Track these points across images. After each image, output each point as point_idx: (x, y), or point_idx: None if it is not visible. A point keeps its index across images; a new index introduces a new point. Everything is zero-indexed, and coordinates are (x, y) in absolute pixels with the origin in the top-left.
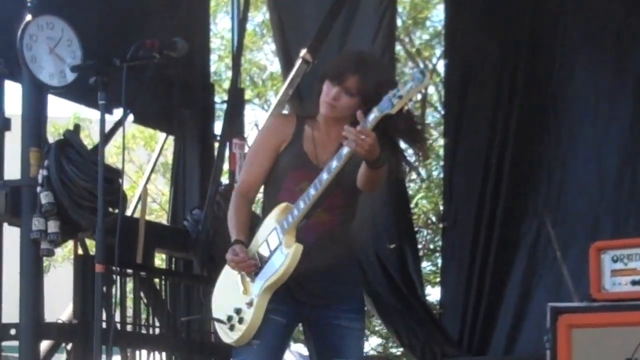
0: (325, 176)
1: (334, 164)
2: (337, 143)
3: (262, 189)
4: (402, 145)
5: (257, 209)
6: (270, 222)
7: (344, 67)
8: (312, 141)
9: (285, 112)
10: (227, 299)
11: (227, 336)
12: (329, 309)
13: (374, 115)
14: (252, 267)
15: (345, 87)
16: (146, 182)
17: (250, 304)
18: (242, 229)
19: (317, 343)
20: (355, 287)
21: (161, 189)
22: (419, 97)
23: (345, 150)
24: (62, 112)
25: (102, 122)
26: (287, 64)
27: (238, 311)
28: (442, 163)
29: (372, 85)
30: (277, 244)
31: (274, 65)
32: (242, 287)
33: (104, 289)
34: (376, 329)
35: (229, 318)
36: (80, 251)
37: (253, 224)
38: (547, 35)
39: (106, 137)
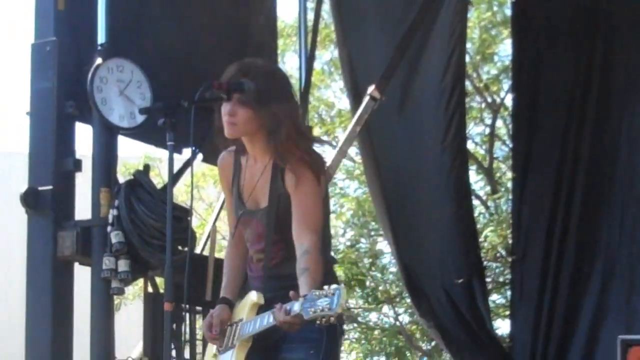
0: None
1: (250, 329)
2: (265, 162)
3: None
4: None
5: None
6: (243, 308)
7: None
8: (246, 172)
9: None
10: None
11: None
12: (277, 348)
13: (295, 310)
14: (214, 341)
15: (236, 98)
16: (215, 220)
17: None
18: (228, 283)
19: None
20: None
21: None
22: (487, 131)
23: (270, 320)
24: (133, 152)
25: (171, 162)
26: (355, 100)
27: None
28: (510, 197)
29: (261, 86)
30: (232, 345)
31: (342, 103)
32: (214, 350)
33: (174, 326)
34: None
35: None
36: (150, 289)
37: None
38: (617, 64)
39: (175, 176)
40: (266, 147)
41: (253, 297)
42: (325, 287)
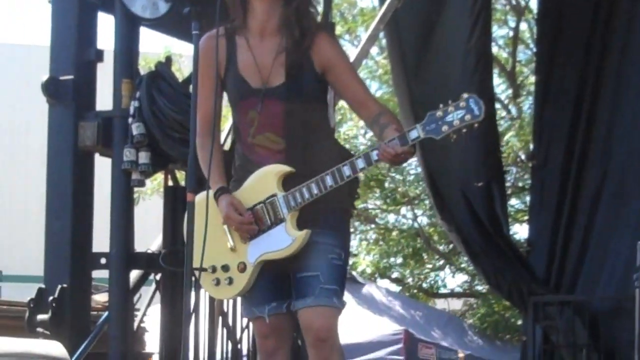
0: (347, 172)
1: (360, 163)
2: (278, 37)
3: None
4: None
5: None
6: (266, 184)
7: None
8: (250, 55)
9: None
10: (210, 246)
11: (212, 289)
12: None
13: (416, 135)
14: (253, 232)
15: None
16: None
17: (243, 270)
18: (222, 174)
19: (287, 259)
20: (329, 203)
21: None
22: (511, 34)
23: (375, 158)
24: (153, 47)
25: (196, 51)
26: None
27: (225, 268)
28: (532, 101)
29: None
30: (279, 219)
31: (364, 1)
32: (231, 242)
33: None
34: (462, 266)
35: (213, 269)
36: (170, 182)
37: (227, 159)
38: None
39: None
40: (281, 20)
41: (277, 169)
42: (449, 102)
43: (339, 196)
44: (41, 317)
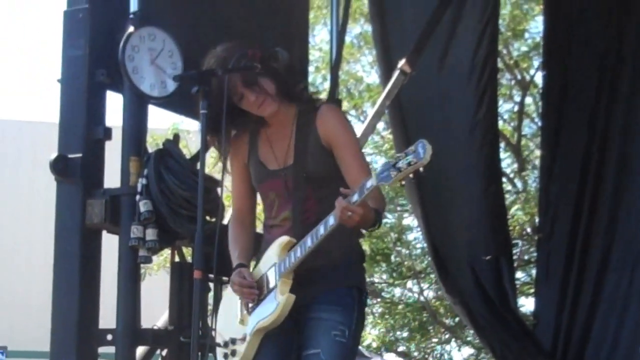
0: (321, 231)
1: (331, 220)
2: (292, 123)
3: None
4: None
5: None
6: (271, 255)
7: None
8: (267, 141)
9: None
10: (226, 323)
11: None
12: (306, 308)
13: (370, 184)
14: (253, 296)
15: (246, 85)
16: None
17: (243, 340)
18: (242, 253)
19: (295, 339)
20: (335, 279)
21: (257, 200)
22: (516, 108)
23: (331, 221)
24: (160, 124)
25: (203, 130)
26: (387, 74)
27: (233, 341)
28: (538, 175)
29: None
30: (273, 285)
31: (371, 77)
32: (239, 316)
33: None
34: (468, 339)
35: (225, 344)
36: (177, 259)
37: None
38: None
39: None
40: (288, 107)
41: (281, 240)
42: (402, 152)
43: (347, 271)
44: None
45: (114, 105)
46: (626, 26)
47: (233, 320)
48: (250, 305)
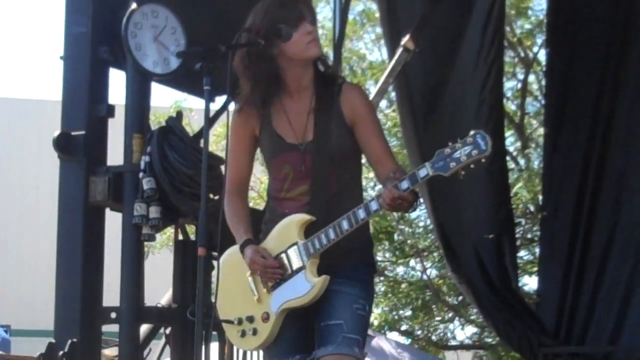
0: (362, 215)
1: (373, 206)
2: (309, 95)
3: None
4: None
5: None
6: (289, 233)
7: (292, 4)
8: (283, 113)
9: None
10: (237, 300)
11: (238, 340)
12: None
13: (425, 173)
14: (277, 276)
15: (310, 19)
16: None
17: (266, 319)
18: (248, 228)
19: (311, 310)
20: (350, 255)
21: (259, 177)
22: (519, 86)
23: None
24: (162, 102)
25: (207, 107)
26: (394, 52)
27: (250, 319)
28: (541, 153)
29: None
30: (300, 266)
31: (374, 55)
32: (256, 294)
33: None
34: (471, 318)
35: (239, 321)
36: (180, 236)
37: (254, 217)
38: None
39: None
40: (311, 77)
41: (299, 218)
42: (458, 139)
43: (363, 250)
44: None
45: (117, 83)
46: (634, 3)
47: (246, 297)
48: (270, 284)
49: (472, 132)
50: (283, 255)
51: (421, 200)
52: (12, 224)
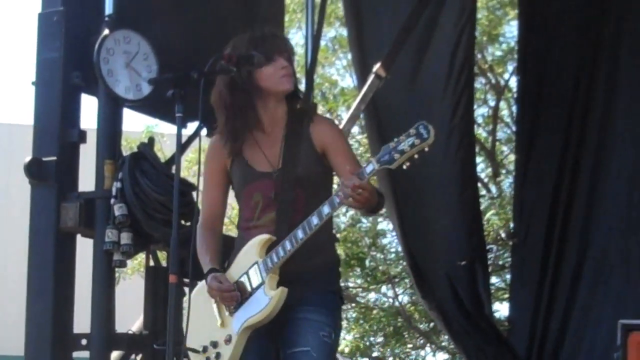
0: (315, 221)
1: (325, 209)
2: (281, 127)
3: None
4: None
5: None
6: (250, 254)
7: (271, 39)
8: (255, 145)
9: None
10: (202, 327)
11: None
12: (290, 308)
13: (372, 168)
14: (235, 299)
15: (286, 55)
16: None
17: (228, 341)
18: (214, 258)
19: (278, 339)
20: (317, 282)
21: (230, 203)
22: (490, 112)
23: (337, 200)
24: (134, 126)
25: (179, 134)
26: (362, 79)
27: (214, 344)
28: (512, 180)
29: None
30: (259, 282)
31: (346, 81)
32: (219, 319)
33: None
34: (443, 344)
35: (204, 349)
36: (151, 262)
37: (227, 248)
38: (626, 50)
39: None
40: (285, 109)
41: (260, 238)
42: (402, 133)
43: (330, 277)
44: None
45: (89, 108)
46: (602, 30)
47: (210, 324)
48: (231, 307)
49: (416, 124)
50: (244, 277)
51: (391, 226)
52: None
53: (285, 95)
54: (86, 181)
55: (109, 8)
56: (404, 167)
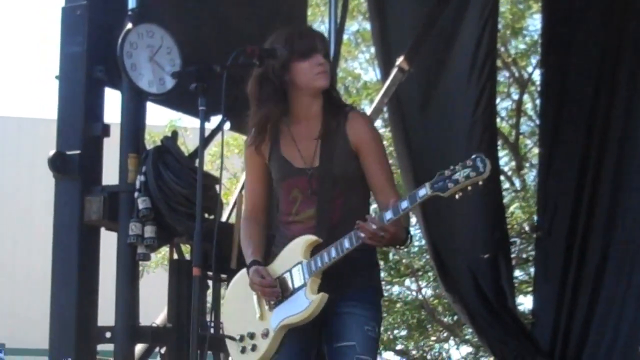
0: (361, 235)
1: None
2: (318, 123)
3: None
4: None
5: None
6: (294, 253)
7: (309, 36)
8: (291, 139)
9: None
10: (241, 318)
11: (238, 356)
12: (332, 302)
13: (424, 193)
14: (276, 294)
15: (323, 53)
16: (242, 189)
17: (265, 335)
18: (257, 250)
19: (323, 331)
20: (358, 278)
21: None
22: (513, 106)
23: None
24: (157, 121)
25: (202, 127)
26: (387, 72)
27: (251, 335)
28: (536, 172)
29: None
30: (301, 283)
31: (369, 75)
32: (258, 311)
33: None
34: (466, 337)
35: (241, 338)
36: (175, 256)
37: (269, 242)
38: None
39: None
40: (321, 105)
41: (306, 238)
42: (459, 163)
43: (371, 274)
44: None
45: (112, 102)
46: (626, 24)
47: (250, 314)
48: (272, 302)
49: (473, 156)
50: (287, 275)
51: (414, 220)
52: (5, 240)
53: (322, 92)
54: (110, 175)
55: (132, 2)
56: (457, 197)
